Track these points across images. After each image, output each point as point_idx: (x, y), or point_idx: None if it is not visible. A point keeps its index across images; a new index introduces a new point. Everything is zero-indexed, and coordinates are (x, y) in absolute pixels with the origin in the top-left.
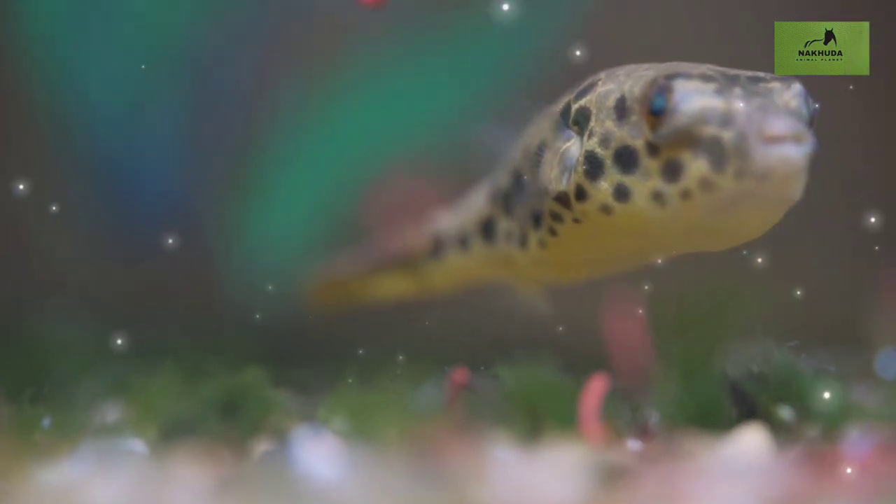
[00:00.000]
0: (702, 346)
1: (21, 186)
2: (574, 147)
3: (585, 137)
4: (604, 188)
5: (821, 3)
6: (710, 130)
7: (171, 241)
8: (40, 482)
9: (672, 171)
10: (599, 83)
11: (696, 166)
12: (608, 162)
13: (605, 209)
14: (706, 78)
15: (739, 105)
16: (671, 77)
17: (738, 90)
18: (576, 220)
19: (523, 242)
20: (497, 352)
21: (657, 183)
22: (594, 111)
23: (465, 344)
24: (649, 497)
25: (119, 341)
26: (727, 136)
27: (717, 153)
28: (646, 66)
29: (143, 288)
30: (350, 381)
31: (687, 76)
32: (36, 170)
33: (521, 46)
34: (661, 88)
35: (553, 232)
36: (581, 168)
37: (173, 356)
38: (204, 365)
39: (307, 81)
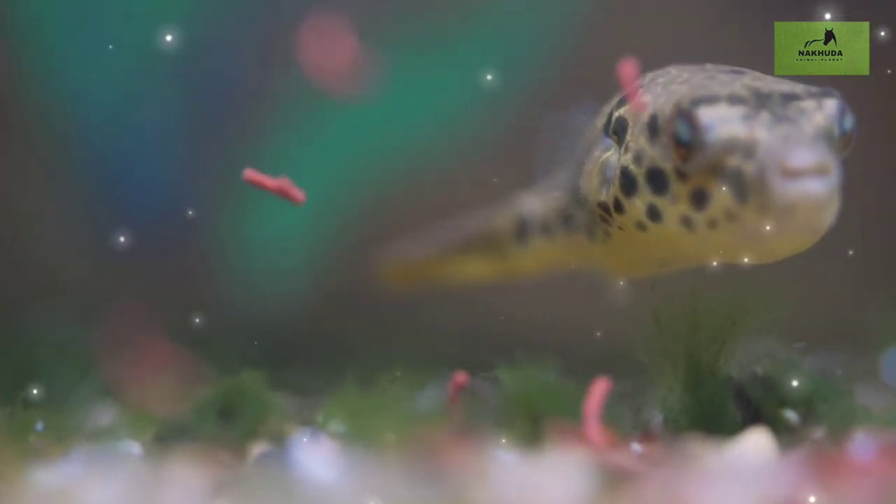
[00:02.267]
0: (707, 349)
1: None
2: (613, 158)
3: (623, 150)
4: (638, 206)
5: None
6: (733, 161)
7: (168, 241)
8: (35, 484)
9: (699, 199)
10: (639, 92)
11: (721, 197)
12: (641, 181)
13: (640, 226)
14: (734, 100)
15: (763, 135)
16: (696, 103)
17: (765, 115)
18: (619, 228)
19: (591, 234)
20: (498, 354)
21: (686, 209)
22: (631, 123)
23: (466, 346)
24: (652, 500)
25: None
26: (749, 168)
27: (740, 185)
28: (687, 73)
29: (139, 289)
30: (349, 382)
31: (713, 100)
32: (29, 168)
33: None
34: (685, 117)
35: (606, 232)
36: (618, 182)
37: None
38: (201, 367)
39: (307, 77)
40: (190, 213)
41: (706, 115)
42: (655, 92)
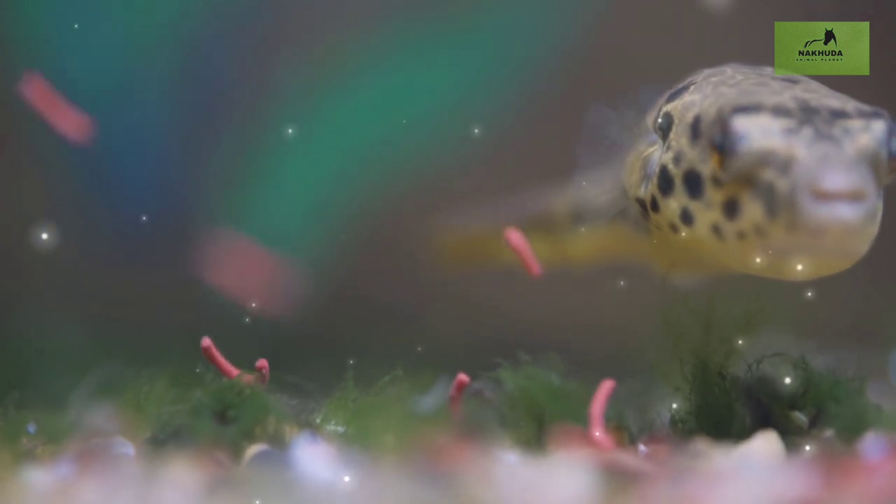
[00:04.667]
0: (716, 349)
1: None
2: (656, 154)
3: (665, 148)
4: (673, 207)
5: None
6: (768, 175)
7: (163, 240)
8: (29, 485)
9: (731, 209)
10: (690, 90)
11: (752, 210)
12: (677, 182)
13: (673, 227)
14: (779, 112)
15: (801, 151)
16: (738, 110)
17: (807, 131)
18: (656, 227)
19: (637, 227)
20: (501, 355)
21: (717, 216)
22: (676, 121)
23: (469, 347)
24: (658, 502)
25: None
26: (782, 185)
27: (771, 201)
28: (740, 75)
29: (134, 288)
30: (348, 382)
31: (756, 109)
32: (22, 166)
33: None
34: (725, 123)
35: (647, 228)
36: (656, 179)
37: (166, 358)
38: (197, 367)
39: (305, 73)
40: (190, 214)
41: (746, 124)
42: (704, 92)
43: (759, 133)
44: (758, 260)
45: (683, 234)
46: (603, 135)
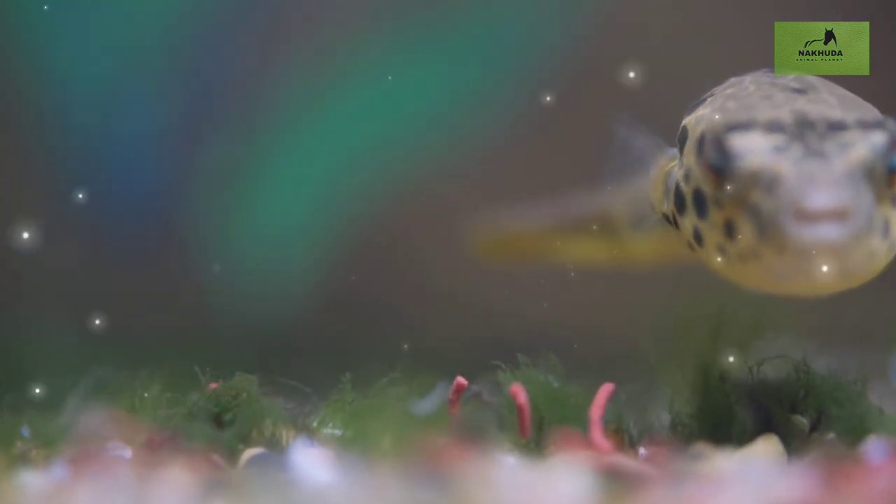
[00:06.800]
0: (716, 352)
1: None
2: (675, 169)
3: (679, 164)
4: (687, 226)
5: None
6: (756, 196)
7: (158, 241)
8: (24, 487)
9: (729, 230)
10: (705, 102)
11: (746, 231)
12: (688, 200)
13: (690, 245)
14: (772, 128)
15: (786, 170)
16: (728, 128)
17: (796, 148)
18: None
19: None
20: (500, 357)
21: (720, 237)
22: (689, 135)
23: (468, 349)
24: None
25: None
26: (768, 205)
27: (760, 222)
28: (754, 86)
29: (129, 290)
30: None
31: (746, 127)
32: (17, 165)
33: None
34: (715, 142)
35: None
36: (672, 196)
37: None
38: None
39: (299, 74)
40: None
41: (736, 143)
42: (714, 105)
43: (747, 153)
44: (759, 281)
45: (699, 252)
46: (631, 147)
